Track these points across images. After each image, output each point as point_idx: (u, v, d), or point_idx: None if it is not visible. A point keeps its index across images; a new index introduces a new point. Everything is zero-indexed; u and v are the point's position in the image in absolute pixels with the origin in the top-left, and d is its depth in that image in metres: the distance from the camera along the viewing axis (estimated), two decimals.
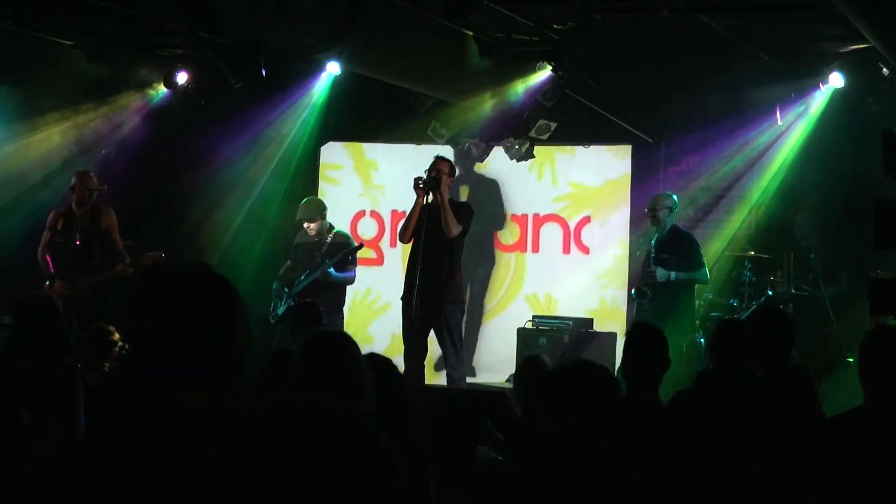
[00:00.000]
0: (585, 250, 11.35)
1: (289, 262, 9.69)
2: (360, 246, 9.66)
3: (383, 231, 11.74)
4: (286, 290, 9.38)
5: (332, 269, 9.27)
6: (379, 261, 11.70)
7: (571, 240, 11.40)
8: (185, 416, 2.08)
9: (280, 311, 9.31)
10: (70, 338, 5.22)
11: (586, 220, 11.32)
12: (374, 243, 11.67)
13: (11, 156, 10.63)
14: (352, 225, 11.58)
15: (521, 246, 11.60)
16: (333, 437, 1.74)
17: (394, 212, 11.61)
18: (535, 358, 5.97)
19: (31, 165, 10.64)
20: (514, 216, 11.49)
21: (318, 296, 8.76)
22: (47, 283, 8.97)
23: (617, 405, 2.96)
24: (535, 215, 11.44)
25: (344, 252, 9.35)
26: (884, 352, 4.02)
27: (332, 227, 9.63)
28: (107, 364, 6.38)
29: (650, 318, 9.17)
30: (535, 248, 11.55)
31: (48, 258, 9.05)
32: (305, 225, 9.55)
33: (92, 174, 9.21)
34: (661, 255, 9.31)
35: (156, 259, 8.73)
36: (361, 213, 11.80)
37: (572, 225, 11.38)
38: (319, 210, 9.61)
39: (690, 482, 3.58)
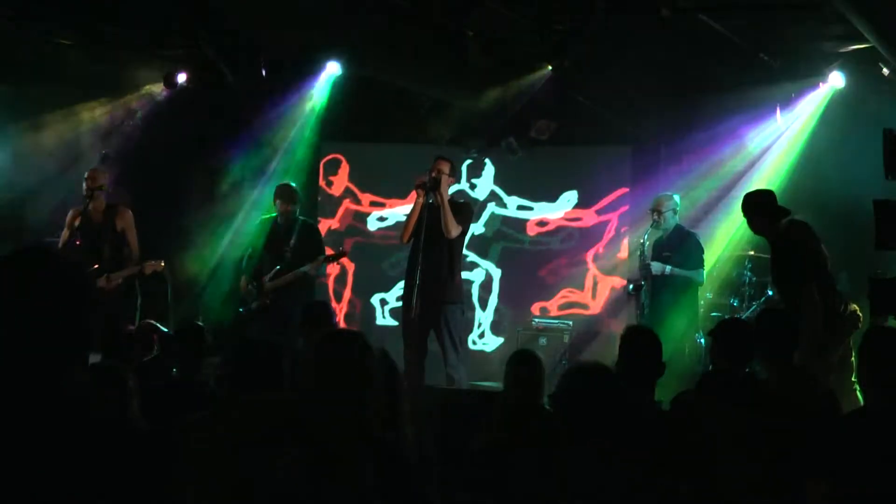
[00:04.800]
0: None
1: (249, 251, 9.57)
2: (328, 258, 9.35)
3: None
4: (254, 284, 9.32)
5: (301, 267, 9.21)
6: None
7: None
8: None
9: (254, 306, 9.26)
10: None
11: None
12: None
13: (11, 156, 10.63)
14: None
15: None
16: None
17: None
18: (530, 353, 5.92)
19: (31, 166, 10.64)
20: None
21: (289, 290, 9.06)
22: None
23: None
24: None
25: (309, 266, 9.18)
26: (883, 352, 4.02)
27: (297, 218, 9.47)
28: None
29: (650, 314, 9.19)
30: None
31: None
32: (277, 202, 9.39)
33: (102, 171, 9.15)
34: (665, 252, 9.30)
35: (155, 268, 8.68)
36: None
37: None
38: (291, 195, 9.44)
39: (690, 484, 3.58)
